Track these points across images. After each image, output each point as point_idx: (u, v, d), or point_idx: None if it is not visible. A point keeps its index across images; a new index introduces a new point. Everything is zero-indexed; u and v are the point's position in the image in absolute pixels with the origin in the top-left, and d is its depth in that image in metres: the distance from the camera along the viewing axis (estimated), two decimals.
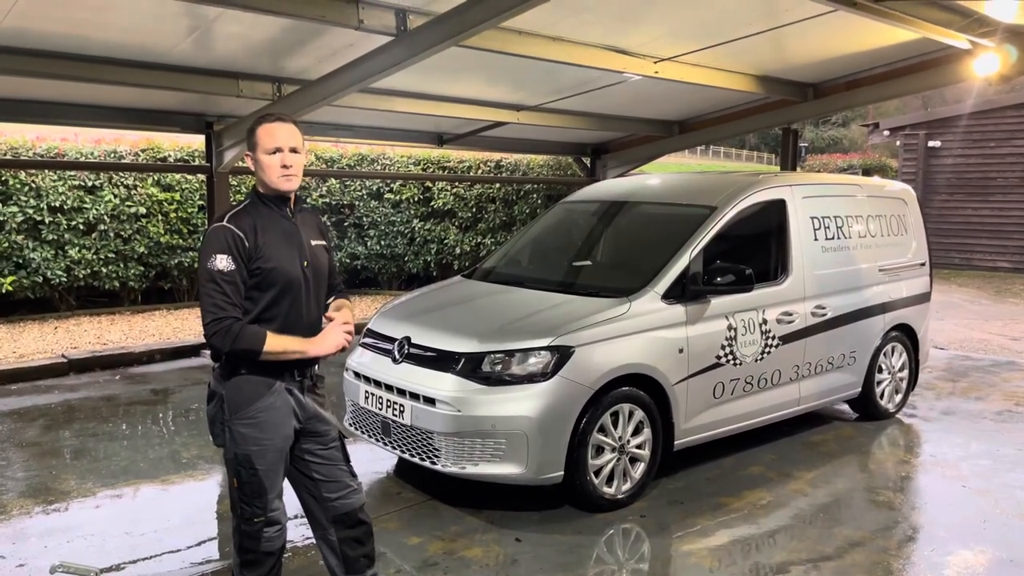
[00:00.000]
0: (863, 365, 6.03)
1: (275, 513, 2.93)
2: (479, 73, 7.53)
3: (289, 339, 2.84)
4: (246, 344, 2.75)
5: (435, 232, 13.14)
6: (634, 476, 4.64)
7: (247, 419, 2.84)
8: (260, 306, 2.84)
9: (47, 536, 4.21)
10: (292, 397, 2.94)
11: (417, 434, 4.45)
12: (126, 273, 10.65)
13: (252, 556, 2.94)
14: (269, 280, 2.83)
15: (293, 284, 2.89)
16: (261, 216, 2.89)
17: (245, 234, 2.80)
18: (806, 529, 4.40)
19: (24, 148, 10.00)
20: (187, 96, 7.39)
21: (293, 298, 2.90)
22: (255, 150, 2.89)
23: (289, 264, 2.88)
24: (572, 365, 4.32)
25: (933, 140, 18.03)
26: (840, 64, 8.04)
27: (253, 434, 2.84)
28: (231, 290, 2.75)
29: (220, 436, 2.93)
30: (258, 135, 2.87)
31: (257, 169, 2.90)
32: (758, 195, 5.41)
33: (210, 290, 2.75)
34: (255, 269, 2.81)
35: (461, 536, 4.23)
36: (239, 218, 2.84)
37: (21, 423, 6.19)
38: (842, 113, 51.50)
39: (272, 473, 2.90)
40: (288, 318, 2.89)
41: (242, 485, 2.87)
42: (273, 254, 2.84)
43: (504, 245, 6.36)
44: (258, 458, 2.85)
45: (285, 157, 2.85)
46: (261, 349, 2.77)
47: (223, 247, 2.77)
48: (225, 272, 2.75)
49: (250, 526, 2.90)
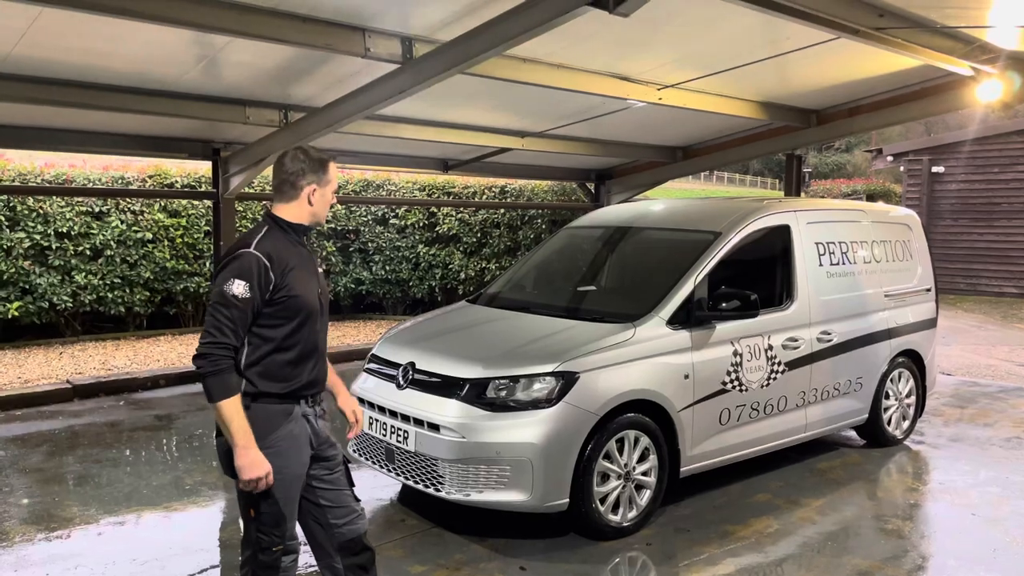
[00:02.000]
0: (870, 391, 5.99)
1: (292, 542, 2.93)
2: (484, 100, 7.58)
3: (241, 422, 2.73)
4: (215, 384, 2.71)
5: (440, 257, 13.17)
6: (640, 503, 4.60)
7: (267, 448, 2.79)
8: (283, 333, 2.84)
9: (49, 563, 4.18)
10: (308, 423, 2.95)
11: (421, 461, 4.43)
12: (132, 298, 10.69)
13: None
14: (294, 309, 2.84)
15: (312, 312, 2.91)
16: (283, 244, 2.89)
17: (271, 264, 2.80)
18: (814, 558, 4.35)
19: (32, 174, 10.09)
20: (194, 123, 7.46)
21: (311, 326, 2.92)
22: (324, 185, 2.94)
23: (309, 293, 2.91)
24: (577, 391, 4.31)
25: (937, 166, 18.05)
26: (843, 91, 8.07)
27: (274, 463, 2.79)
28: (239, 317, 2.74)
29: (232, 467, 2.83)
30: (331, 173, 2.96)
31: (315, 201, 2.94)
32: (763, 220, 5.42)
33: (220, 311, 2.74)
34: (280, 298, 2.81)
35: (465, 564, 4.19)
36: (266, 246, 2.84)
37: (25, 449, 6.18)
38: (845, 139, 51.76)
39: (290, 501, 2.89)
40: (307, 345, 2.91)
41: (260, 515, 2.84)
42: (296, 283, 2.85)
43: (509, 270, 6.37)
44: (278, 487, 2.82)
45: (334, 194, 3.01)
46: (217, 401, 2.71)
47: (246, 274, 2.76)
48: (239, 298, 2.73)
49: (268, 556, 2.87)
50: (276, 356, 2.85)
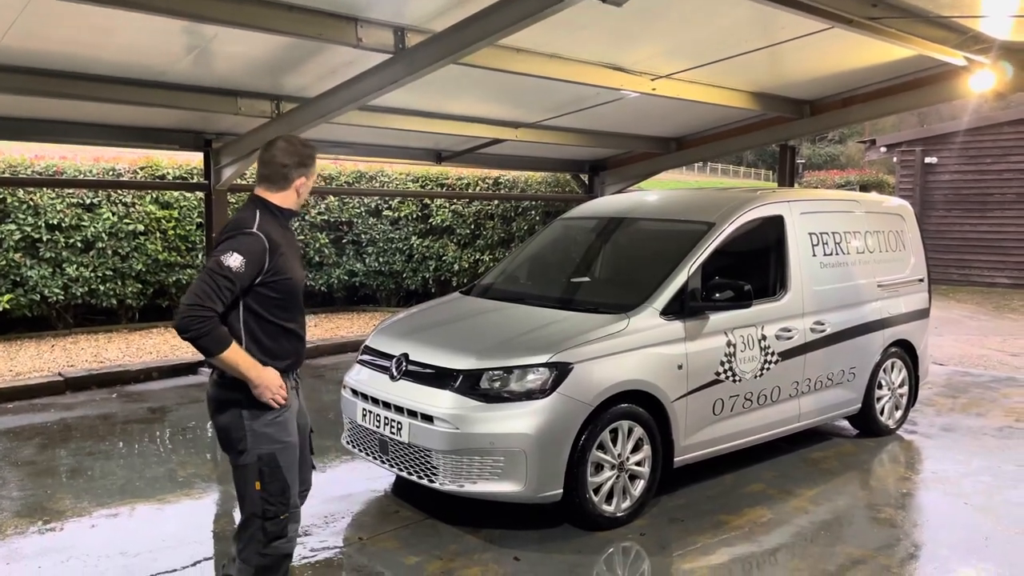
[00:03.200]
0: (863, 381, 6.01)
1: (296, 510, 3.09)
2: (477, 91, 7.55)
3: (246, 359, 2.92)
4: (208, 342, 2.84)
5: (433, 249, 13.15)
6: (634, 494, 4.60)
7: (271, 420, 2.98)
8: (279, 312, 3.03)
9: (42, 556, 4.17)
10: (292, 393, 3.15)
11: (415, 452, 4.42)
12: (124, 291, 10.65)
13: (269, 559, 3.03)
14: (286, 289, 3.04)
15: (300, 292, 3.16)
16: (275, 227, 3.06)
17: (270, 248, 2.95)
18: (807, 547, 4.36)
19: (23, 166, 10.02)
20: (186, 114, 7.41)
21: (300, 304, 3.16)
22: (310, 176, 3.17)
23: (298, 274, 3.13)
24: (571, 382, 4.30)
25: (930, 156, 18.09)
26: (836, 81, 8.06)
27: (277, 433, 2.99)
28: (227, 290, 2.86)
29: (241, 442, 2.98)
30: (315, 164, 3.19)
31: (302, 191, 3.16)
32: (756, 211, 5.42)
33: (211, 280, 2.85)
34: (274, 280, 2.98)
35: (459, 555, 4.19)
36: (268, 230, 2.99)
37: (17, 442, 6.15)
38: (839, 130, 51.77)
39: (293, 469, 3.06)
40: (298, 323, 3.14)
41: (266, 485, 2.98)
42: (290, 265, 3.06)
43: (502, 262, 6.36)
44: (281, 455, 3.00)
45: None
46: (217, 354, 2.86)
47: (246, 251, 2.89)
48: (233, 271, 2.86)
49: (276, 525, 3.00)
50: (274, 334, 3.03)
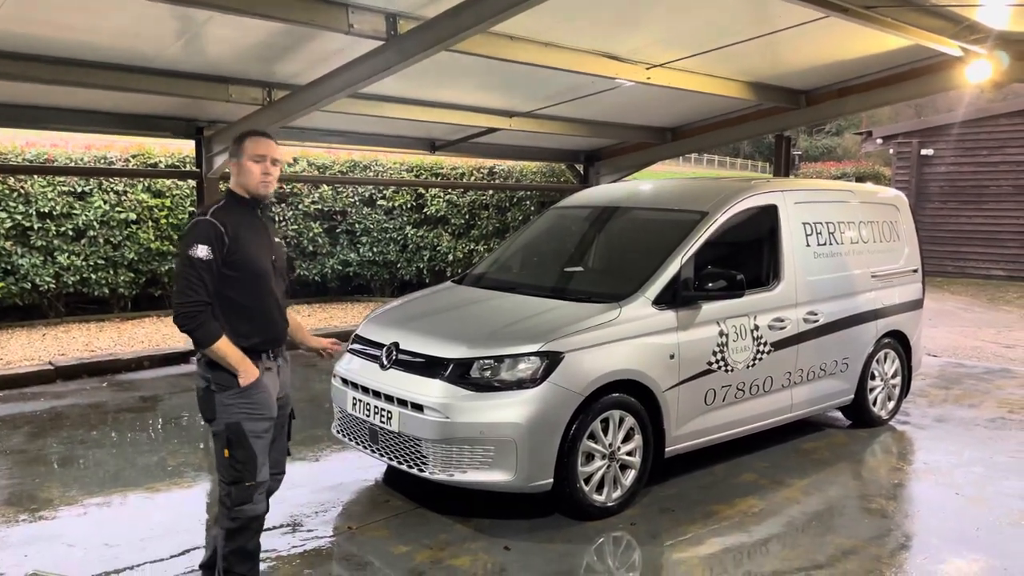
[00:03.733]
0: (856, 372, 6.00)
1: (263, 478, 3.24)
2: (471, 79, 7.50)
3: (235, 352, 3.17)
4: (202, 335, 3.12)
5: (428, 239, 13.10)
6: (625, 483, 4.58)
7: (236, 392, 3.17)
8: (239, 293, 3.20)
9: (28, 544, 4.14)
10: (271, 373, 3.32)
11: (405, 441, 4.40)
12: (116, 280, 10.59)
13: (239, 522, 3.21)
14: (245, 270, 3.20)
15: (264, 275, 3.28)
16: (237, 214, 3.26)
17: (225, 229, 3.15)
18: (798, 537, 4.35)
19: (13, 154, 9.95)
20: (177, 101, 7.34)
21: (267, 285, 3.30)
22: (241, 157, 3.28)
23: (261, 258, 3.27)
24: (562, 371, 4.28)
25: (926, 148, 18.07)
26: (832, 71, 8.02)
27: (242, 405, 3.18)
28: (207, 277, 3.11)
29: (211, 411, 3.22)
30: (245, 144, 3.28)
31: (241, 174, 3.29)
32: (750, 200, 5.38)
33: (188, 274, 3.10)
34: (233, 261, 3.16)
35: (449, 544, 4.17)
36: (221, 214, 3.20)
37: (6, 430, 6.11)
38: (835, 122, 51.70)
39: (259, 440, 3.21)
40: (262, 304, 3.28)
41: (233, 452, 3.18)
42: (247, 249, 3.21)
43: (495, 251, 6.32)
44: (248, 424, 3.18)
45: (267, 165, 3.27)
46: (208, 346, 3.13)
47: (205, 238, 3.11)
48: (204, 260, 3.09)
49: (240, 490, 3.20)
50: (236, 314, 3.21)
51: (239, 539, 3.23)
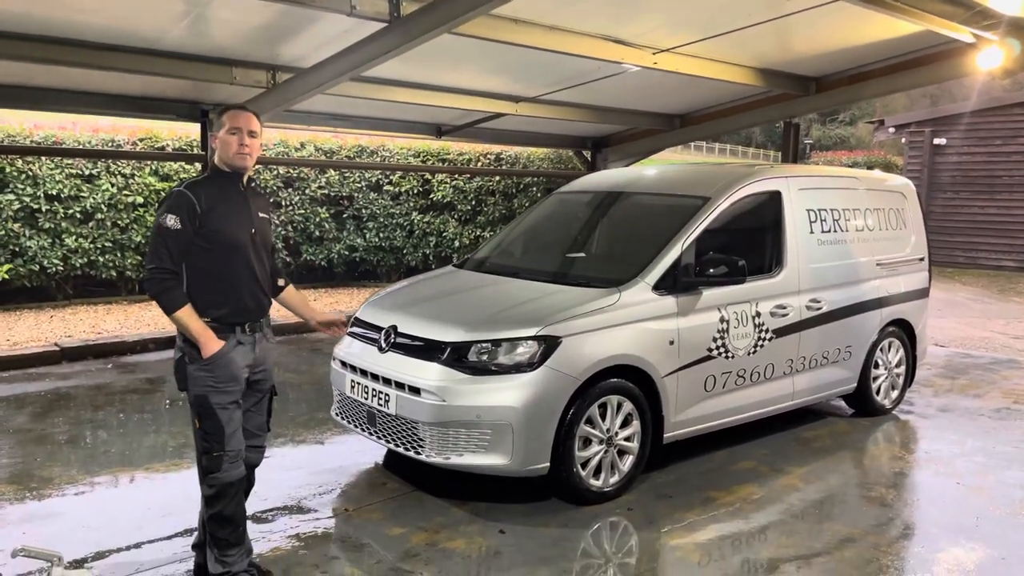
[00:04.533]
0: (859, 360, 5.95)
1: (232, 448, 3.31)
2: (476, 63, 7.45)
3: (198, 323, 3.22)
4: (165, 301, 3.20)
5: (434, 225, 13.09)
6: (622, 469, 4.57)
7: (203, 365, 3.25)
8: (212, 263, 3.27)
9: (26, 522, 4.17)
10: (245, 347, 3.36)
11: (402, 424, 4.40)
12: (123, 262, 10.63)
13: (215, 489, 3.31)
14: (218, 242, 3.26)
15: (241, 247, 3.33)
16: (217, 187, 3.34)
17: (199, 200, 3.23)
18: (797, 525, 4.33)
19: (21, 136, 9.97)
20: (181, 83, 7.34)
21: (243, 258, 3.34)
22: (220, 130, 3.37)
23: (238, 229, 3.33)
24: (559, 355, 4.26)
25: (939, 137, 17.88)
26: (843, 57, 7.93)
27: (208, 378, 3.25)
28: (173, 245, 3.19)
29: (183, 381, 3.31)
30: (223, 118, 3.37)
31: (219, 147, 3.37)
32: (753, 186, 5.33)
33: (156, 242, 3.21)
34: (205, 232, 3.23)
35: (445, 527, 4.17)
36: (197, 186, 3.29)
37: (10, 410, 6.16)
38: (849, 111, 51.31)
39: (226, 412, 3.29)
40: (237, 276, 3.33)
41: (202, 423, 3.29)
42: (222, 220, 3.28)
43: (497, 235, 6.30)
44: (214, 396, 3.26)
45: (243, 138, 3.33)
46: (171, 313, 3.20)
47: (176, 209, 3.20)
48: (171, 229, 3.18)
49: (210, 460, 3.30)
50: (207, 284, 3.27)
51: (216, 505, 3.32)
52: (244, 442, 3.40)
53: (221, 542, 3.36)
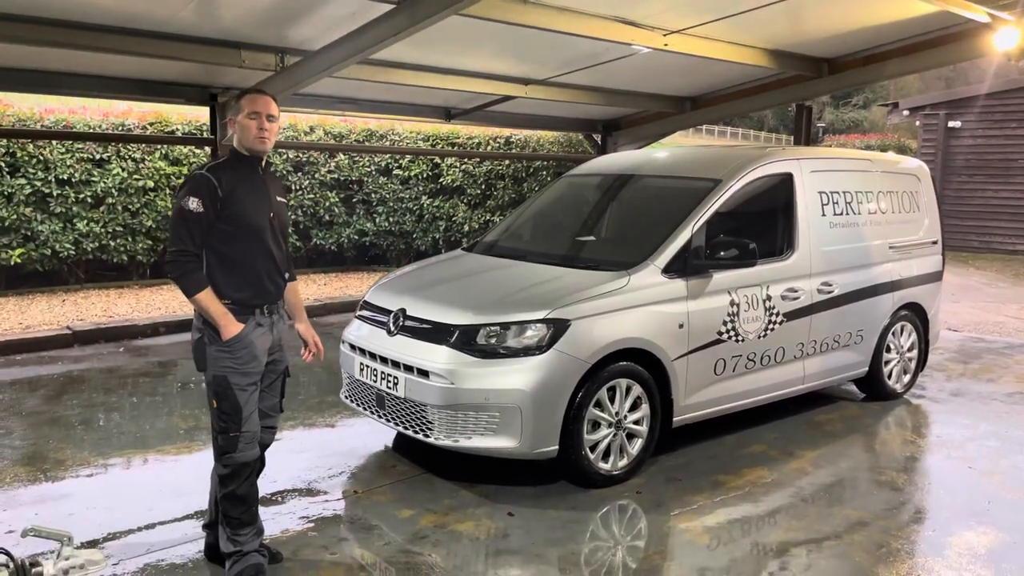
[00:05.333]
0: (871, 344, 5.91)
1: (248, 429, 3.33)
2: (486, 45, 7.39)
3: (218, 307, 3.23)
4: (186, 283, 3.22)
5: (444, 209, 13.05)
6: (631, 452, 4.57)
7: (223, 346, 3.26)
8: (232, 248, 3.27)
9: (39, 504, 4.20)
10: (263, 329, 3.37)
11: (411, 407, 4.40)
12: (134, 247, 10.66)
13: (229, 469, 3.34)
14: (239, 226, 3.26)
15: (260, 231, 3.34)
16: (236, 171, 3.33)
17: (220, 184, 3.22)
18: (807, 508, 4.32)
19: (32, 120, 9.99)
20: (190, 67, 7.30)
21: (262, 242, 3.35)
22: (238, 114, 3.34)
23: (256, 213, 3.32)
24: (568, 338, 4.24)
25: (953, 120, 17.68)
26: (857, 38, 7.83)
27: (229, 359, 3.27)
28: (195, 229, 3.20)
29: (202, 361, 3.33)
30: (242, 102, 3.35)
31: (238, 131, 3.35)
32: (764, 168, 5.28)
33: (178, 225, 3.21)
34: (227, 216, 3.23)
35: (453, 510, 4.18)
36: (218, 170, 3.29)
37: (23, 392, 6.20)
38: (863, 94, 50.77)
39: (244, 393, 3.31)
40: (256, 260, 3.33)
41: (220, 404, 3.30)
42: (242, 204, 3.28)
43: (506, 219, 6.28)
44: (233, 377, 3.28)
45: (262, 122, 3.31)
46: (192, 295, 3.22)
47: (197, 192, 3.20)
48: (193, 212, 3.18)
49: (226, 440, 3.32)
50: (228, 267, 3.28)
51: (230, 484, 3.34)
52: (259, 423, 3.42)
53: (234, 521, 3.37)
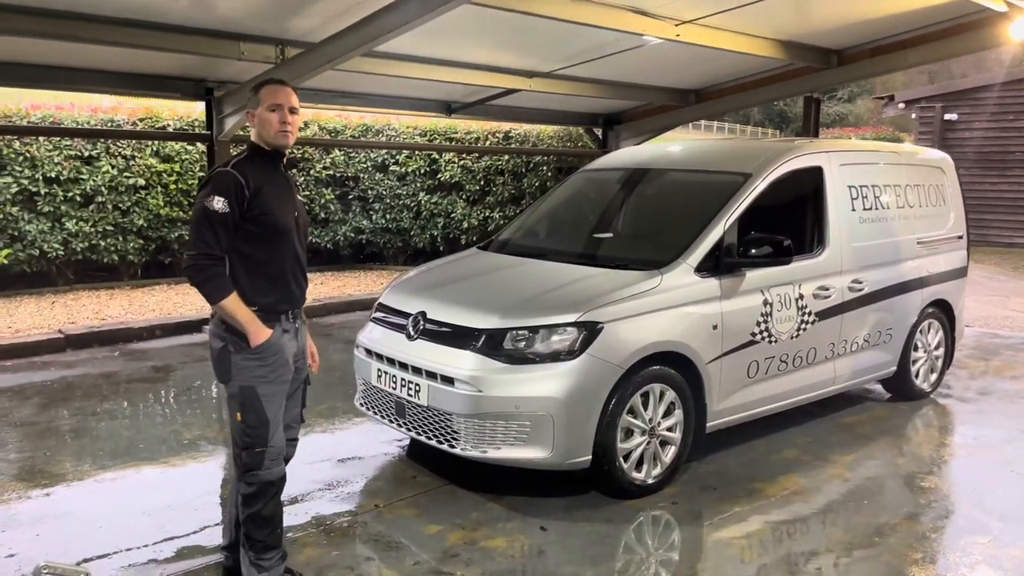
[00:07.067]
0: (899, 343, 5.73)
1: (275, 444, 3.11)
2: (491, 36, 7.17)
3: (245, 312, 3.00)
4: (210, 289, 2.96)
5: (442, 205, 12.80)
6: (665, 460, 4.36)
7: (252, 355, 3.03)
8: (259, 250, 3.04)
9: (39, 523, 3.94)
10: (289, 335, 3.17)
11: (434, 416, 4.17)
12: (125, 247, 10.35)
13: (253, 487, 3.09)
14: (266, 226, 3.03)
15: (287, 231, 3.11)
16: (260, 168, 3.09)
17: (246, 182, 2.99)
18: (849, 516, 4.12)
19: (18, 116, 9.65)
20: (187, 59, 7.03)
21: (289, 243, 3.12)
22: (257, 107, 3.11)
23: (283, 213, 3.10)
24: (600, 342, 4.03)
25: (950, 113, 17.58)
26: (867, 28, 7.66)
27: (258, 368, 3.04)
28: (220, 230, 2.95)
29: (226, 372, 3.07)
30: (262, 94, 3.11)
31: (258, 125, 3.12)
32: (794, 162, 5.08)
33: (202, 226, 2.95)
34: (254, 216, 3.00)
35: (482, 524, 3.96)
36: (242, 166, 3.04)
37: (16, 401, 5.92)
38: (847, 88, 50.75)
39: (273, 405, 3.09)
40: (283, 262, 3.11)
41: (245, 417, 3.06)
42: (269, 203, 3.05)
43: (520, 216, 6.05)
44: (261, 388, 3.05)
45: (284, 115, 3.09)
46: (217, 302, 2.97)
47: (223, 190, 2.95)
48: (219, 213, 2.93)
49: (251, 456, 3.07)
50: (255, 271, 3.05)
51: (255, 504, 3.11)
52: (284, 438, 3.19)
53: (258, 544, 3.14)
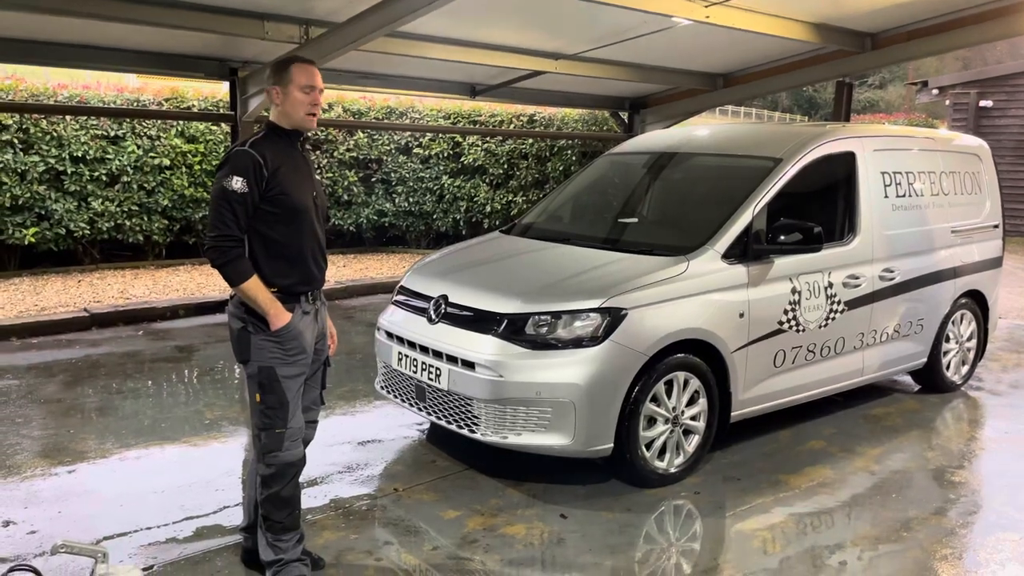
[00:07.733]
0: (930, 334, 5.60)
1: (294, 424, 3.08)
2: (516, 17, 7.07)
3: (266, 295, 2.96)
4: (230, 272, 2.92)
5: (465, 189, 12.74)
6: (687, 450, 4.29)
7: (271, 336, 3.00)
8: (278, 231, 3.00)
9: (61, 500, 3.96)
10: (309, 317, 3.13)
11: (455, 400, 4.13)
12: (150, 226, 10.42)
13: (272, 469, 3.07)
14: (286, 206, 2.99)
15: (306, 212, 3.06)
16: (278, 147, 3.03)
17: (265, 161, 2.93)
18: (875, 510, 4.04)
19: (46, 95, 9.71)
20: (211, 39, 7.01)
21: (308, 223, 3.07)
22: (288, 85, 3.02)
23: (301, 193, 3.05)
24: (624, 329, 3.96)
25: (985, 100, 17.18)
26: (903, 11, 7.46)
27: (277, 349, 3.01)
28: (240, 210, 2.91)
29: (245, 352, 3.03)
30: (293, 71, 3.02)
31: (284, 103, 3.04)
32: (826, 147, 4.95)
33: (221, 207, 2.90)
34: (273, 196, 2.95)
35: (502, 511, 3.92)
36: (260, 146, 2.98)
37: (41, 378, 5.96)
38: (879, 74, 49.91)
39: (292, 385, 3.06)
40: (302, 243, 3.06)
41: (265, 397, 3.03)
42: (288, 183, 3.00)
43: (543, 200, 5.97)
44: (281, 368, 3.02)
45: (315, 96, 3.04)
46: (238, 284, 2.93)
47: (241, 170, 2.90)
48: (239, 193, 2.89)
49: (271, 437, 3.05)
50: (274, 252, 3.01)
51: (274, 485, 3.09)
52: (303, 419, 3.16)
53: (276, 526, 3.12)
